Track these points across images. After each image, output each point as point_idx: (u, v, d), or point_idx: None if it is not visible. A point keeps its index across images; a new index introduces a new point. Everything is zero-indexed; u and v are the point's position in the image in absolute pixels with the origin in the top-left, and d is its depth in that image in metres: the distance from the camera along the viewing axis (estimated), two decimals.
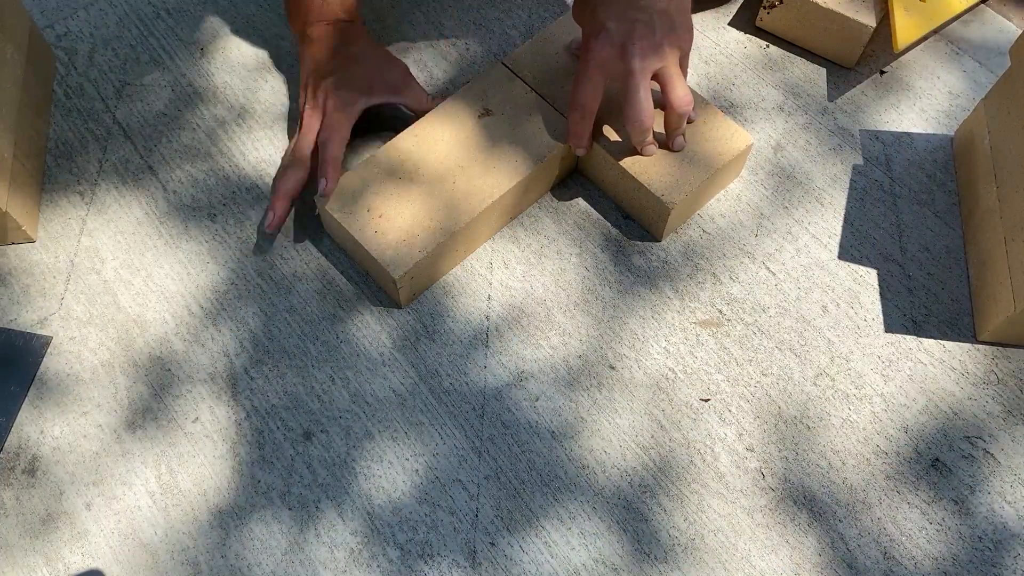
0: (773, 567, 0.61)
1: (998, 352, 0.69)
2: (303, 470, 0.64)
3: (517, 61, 0.75)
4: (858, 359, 0.68)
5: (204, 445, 0.65)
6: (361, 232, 0.67)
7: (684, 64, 0.68)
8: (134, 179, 0.76)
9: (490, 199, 0.69)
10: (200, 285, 0.71)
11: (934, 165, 0.77)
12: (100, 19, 0.85)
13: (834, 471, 0.64)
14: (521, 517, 0.62)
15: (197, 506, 0.63)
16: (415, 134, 0.71)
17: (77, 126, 0.79)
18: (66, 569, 0.60)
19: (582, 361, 0.68)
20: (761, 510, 0.63)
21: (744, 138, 0.72)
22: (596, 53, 0.65)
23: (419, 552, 0.61)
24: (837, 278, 0.72)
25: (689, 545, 0.62)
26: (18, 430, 0.65)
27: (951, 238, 0.74)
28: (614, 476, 0.64)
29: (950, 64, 0.83)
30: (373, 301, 0.70)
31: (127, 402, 0.66)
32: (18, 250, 0.72)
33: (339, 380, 0.67)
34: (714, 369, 0.68)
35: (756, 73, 0.82)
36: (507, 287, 0.71)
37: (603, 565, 0.61)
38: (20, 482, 0.63)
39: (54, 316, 0.69)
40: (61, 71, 0.81)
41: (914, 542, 0.62)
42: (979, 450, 0.65)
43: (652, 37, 0.64)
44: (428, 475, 0.64)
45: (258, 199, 0.75)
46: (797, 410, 0.66)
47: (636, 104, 0.65)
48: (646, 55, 0.64)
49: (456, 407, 0.66)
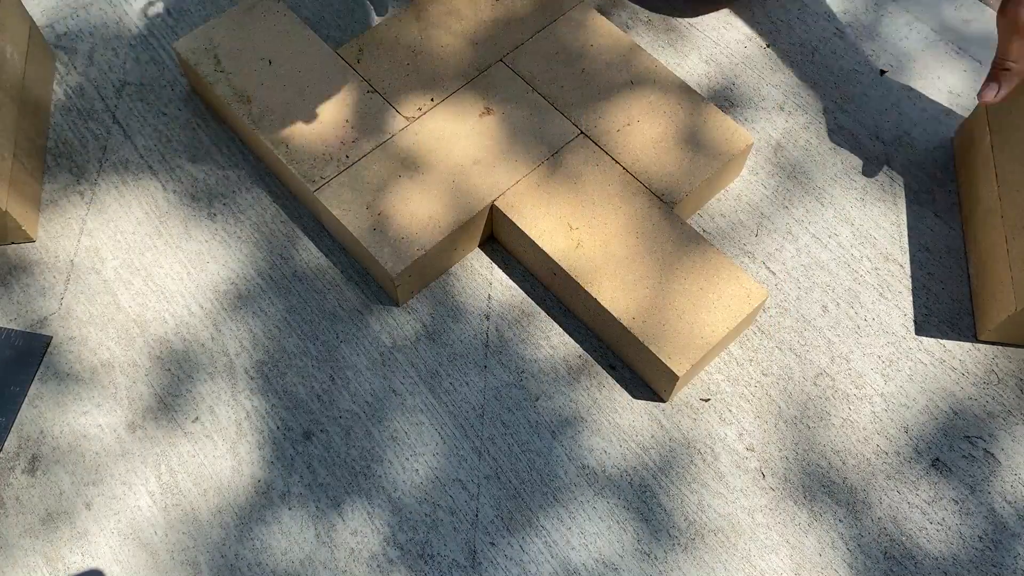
0: (773, 567, 0.61)
1: (998, 352, 0.69)
2: (303, 470, 0.64)
3: (518, 60, 0.75)
4: (858, 359, 0.68)
5: (204, 445, 0.65)
6: (360, 229, 0.67)
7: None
8: (134, 179, 0.76)
9: (490, 198, 0.69)
10: (200, 285, 0.71)
11: (934, 165, 0.77)
12: (100, 19, 0.85)
13: (834, 471, 0.64)
14: (521, 517, 0.62)
15: (197, 506, 0.63)
16: (416, 132, 0.72)
17: (77, 126, 0.79)
18: (66, 569, 0.60)
19: (582, 361, 0.68)
20: (761, 510, 0.63)
21: (744, 137, 0.72)
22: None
23: (419, 552, 0.61)
24: (837, 278, 0.72)
25: (689, 545, 0.61)
26: (18, 430, 0.65)
27: (951, 238, 0.74)
28: (614, 476, 0.64)
29: (950, 64, 0.83)
30: (373, 301, 0.70)
31: (127, 402, 0.66)
32: (18, 250, 0.72)
33: (339, 380, 0.67)
34: (714, 369, 0.68)
35: (756, 73, 0.82)
36: (507, 287, 0.71)
37: (603, 565, 0.61)
38: (20, 482, 0.63)
39: (54, 316, 0.70)
40: (61, 71, 0.81)
41: (914, 542, 0.62)
42: (979, 450, 0.65)
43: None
44: (428, 475, 0.64)
45: (258, 199, 0.75)
46: (797, 410, 0.66)
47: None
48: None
49: (456, 407, 0.66)
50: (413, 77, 0.75)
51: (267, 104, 0.73)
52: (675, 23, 0.85)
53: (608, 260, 0.66)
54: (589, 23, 0.77)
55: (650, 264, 0.66)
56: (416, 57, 0.76)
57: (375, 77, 0.74)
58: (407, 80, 0.74)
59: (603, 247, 0.66)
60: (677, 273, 0.65)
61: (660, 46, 0.84)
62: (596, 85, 0.74)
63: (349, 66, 0.75)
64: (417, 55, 0.76)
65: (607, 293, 0.64)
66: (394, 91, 0.74)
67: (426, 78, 0.74)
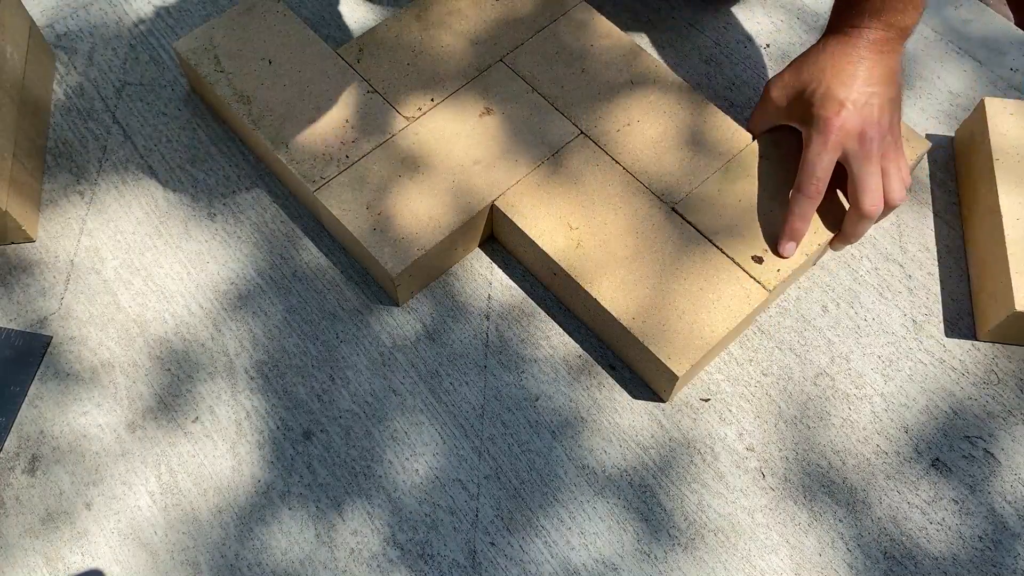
0: (773, 567, 0.61)
1: (998, 352, 0.69)
2: (303, 470, 0.64)
3: (518, 60, 0.75)
4: (858, 359, 0.68)
5: (204, 445, 0.65)
6: (360, 229, 0.67)
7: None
8: (134, 179, 0.76)
9: (490, 197, 0.69)
10: (200, 285, 0.71)
11: (934, 165, 0.77)
12: (100, 19, 0.85)
13: (834, 471, 0.64)
14: (521, 517, 0.62)
15: (197, 506, 0.63)
16: (416, 132, 0.72)
17: (77, 126, 0.79)
18: (66, 569, 0.60)
19: (582, 361, 0.68)
20: (761, 510, 0.63)
21: (744, 138, 0.72)
22: (839, 127, 0.64)
23: (419, 552, 0.61)
24: (837, 278, 0.72)
25: (689, 545, 0.61)
26: (18, 430, 0.65)
27: (951, 238, 0.74)
28: (614, 476, 0.64)
29: (950, 64, 0.83)
30: (373, 301, 0.70)
31: (127, 402, 0.66)
32: (18, 250, 0.72)
33: (339, 380, 0.67)
34: (714, 369, 0.68)
35: (756, 73, 0.82)
36: (507, 287, 0.71)
37: (603, 565, 0.61)
38: (20, 482, 0.63)
39: (54, 316, 0.69)
40: (61, 71, 0.81)
41: (914, 542, 0.62)
42: (979, 450, 0.65)
43: (887, 120, 0.64)
44: (428, 475, 0.64)
45: (258, 199, 0.75)
46: (797, 410, 0.66)
47: (873, 190, 0.64)
48: (884, 138, 0.64)
49: (456, 407, 0.66)
50: (413, 77, 0.75)
51: (267, 104, 0.73)
52: (675, 23, 0.85)
53: (608, 260, 0.66)
54: (589, 23, 0.77)
55: (650, 264, 0.66)
56: (416, 57, 0.76)
57: (375, 77, 0.74)
58: (407, 80, 0.74)
59: (603, 247, 0.66)
60: (677, 273, 0.65)
61: (660, 46, 0.84)
62: (596, 85, 0.74)
63: (349, 66, 0.75)
64: (417, 55, 0.76)
65: (607, 293, 0.64)
66: (394, 91, 0.74)
67: (426, 78, 0.74)
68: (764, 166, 0.70)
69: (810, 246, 0.67)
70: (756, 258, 0.66)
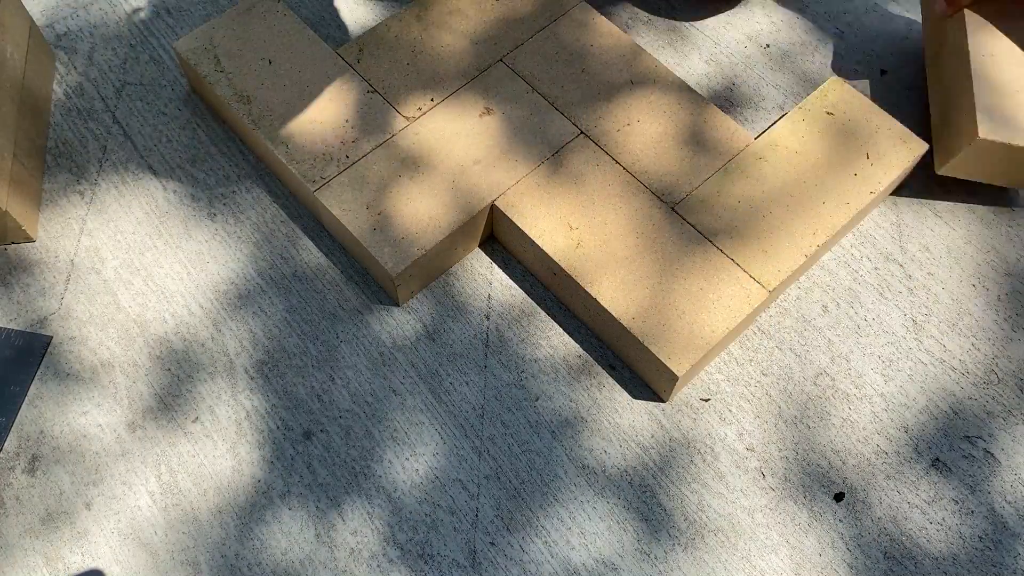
0: (773, 567, 0.61)
1: (998, 352, 0.69)
2: (303, 470, 0.64)
3: (518, 60, 0.75)
4: (858, 359, 0.68)
5: (204, 445, 0.65)
6: (360, 229, 0.67)
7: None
8: (134, 179, 0.76)
9: (490, 197, 0.69)
10: (200, 285, 0.71)
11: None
12: (100, 19, 0.85)
13: (834, 471, 0.64)
14: (521, 517, 0.62)
15: (197, 506, 0.63)
16: (416, 131, 0.72)
17: (77, 126, 0.79)
18: (66, 569, 0.60)
19: (582, 361, 0.68)
20: (761, 510, 0.63)
21: (744, 138, 0.72)
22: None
23: (419, 552, 0.61)
24: (837, 278, 0.72)
25: (689, 545, 0.61)
26: (18, 430, 0.65)
27: (951, 238, 0.74)
28: (614, 476, 0.64)
29: None
30: (373, 301, 0.70)
31: (127, 402, 0.66)
32: (18, 250, 0.72)
33: (339, 380, 0.67)
34: (714, 369, 0.68)
35: (756, 73, 0.82)
36: (507, 287, 0.71)
37: (603, 565, 0.61)
38: (20, 482, 0.63)
39: (54, 316, 0.70)
40: (61, 71, 0.81)
41: (914, 542, 0.62)
42: (979, 450, 0.65)
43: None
44: (428, 475, 0.64)
45: (258, 199, 0.75)
46: (797, 410, 0.66)
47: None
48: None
49: (456, 407, 0.66)
50: (413, 77, 0.75)
51: (267, 104, 0.73)
52: (675, 23, 0.86)
53: (608, 260, 0.66)
54: (589, 23, 0.77)
55: (650, 264, 0.66)
56: (416, 57, 0.76)
57: (375, 77, 0.74)
58: (407, 80, 0.74)
59: (603, 247, 0.66)
60: (677, 273, 0.65)
61: (660, 46, 0.84)
62: (596, 85, 0.74)
63: (349, 66, 0.75)
64: (417, 55, 0.76)
65: (607, 293, 0.64)
66: (394, 91, 0.74)
67: (426, 78, 0.74)
68: (764, 167, 0.70)
69: (810, 246, 0.67)
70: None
